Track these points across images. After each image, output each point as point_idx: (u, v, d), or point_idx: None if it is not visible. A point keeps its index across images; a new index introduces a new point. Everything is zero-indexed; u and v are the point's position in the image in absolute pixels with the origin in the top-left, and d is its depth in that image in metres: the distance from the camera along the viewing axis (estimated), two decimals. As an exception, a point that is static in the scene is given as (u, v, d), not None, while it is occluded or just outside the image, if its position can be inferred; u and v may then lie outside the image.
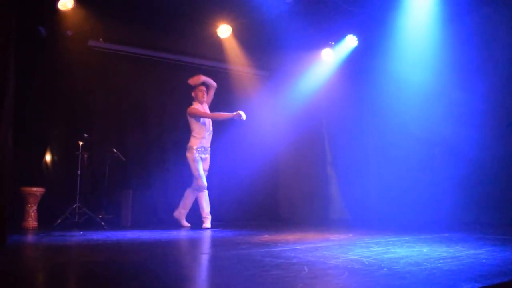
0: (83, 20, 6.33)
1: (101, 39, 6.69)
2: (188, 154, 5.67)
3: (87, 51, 6.57)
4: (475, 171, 6.18)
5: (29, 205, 5.51)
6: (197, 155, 5.65)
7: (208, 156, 5.83)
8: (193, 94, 5.83)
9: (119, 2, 6.33)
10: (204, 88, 5.86)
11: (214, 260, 2.62)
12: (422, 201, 6.80)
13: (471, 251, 2.71)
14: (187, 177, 7.25)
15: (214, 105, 7.77)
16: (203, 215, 5.62)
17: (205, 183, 5.63)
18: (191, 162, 5.64)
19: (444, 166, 6.62)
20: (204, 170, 5.75)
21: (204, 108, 5.86)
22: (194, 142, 5.69)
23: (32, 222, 5.50)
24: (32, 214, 5.52)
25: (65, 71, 6.39)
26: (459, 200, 6.33)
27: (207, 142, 5.79)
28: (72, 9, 6.15)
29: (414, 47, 6.89)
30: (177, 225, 6.03)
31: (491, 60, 6.21)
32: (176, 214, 5.89)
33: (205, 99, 5.85)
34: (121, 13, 6.50)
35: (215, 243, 3.67)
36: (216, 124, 6.11)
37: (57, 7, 6.07)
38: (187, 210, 5.86)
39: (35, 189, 5.56)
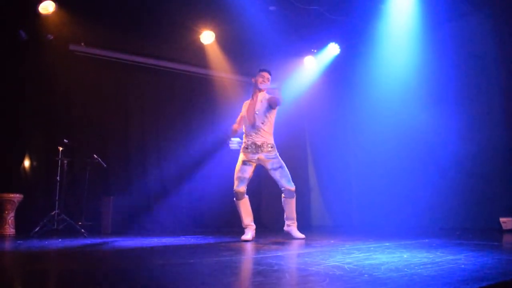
0: (64, 24, 6.26)
1: (82, 44, 6.62)
2: None
3: (68, 55, 6.50)
4: (455, 177, 6.28)
5: (6, 212, 5.39)
6: (242, 155, 4.81)
7: (260, 156, 4.74)
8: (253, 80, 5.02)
9: (102, 6, 6.27)
10: (267, 75, 4.93)
11: (195, 267, 2.60)
12: (403, 207, 6.87)
13: (450, 257, 2.74)
14: (169, 183, 7.20)
15: (196, 110, 7.75)
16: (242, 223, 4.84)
17: (239, 189, 4.75)
18: None
19: (425, 172, 6.72)
20: (272, 174, 4.79)
21: (257, 100, 4.90)
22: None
23: (9, 229, 5.39)
24: (10, 221, 5.41)
25: (45, 75, 6.31)
26: (439, 206, 6.42)
27: (255, 139, 4.78)
28: (53, 12, 6.09)
29: (395, 54, 7.00)
30: (157, 232, 5.98)
31: (470, 65, 6.35)
32: (286, 228, 4.96)
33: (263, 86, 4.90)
34: (103, 18, 6.44)
35: (197, 250, 3.64)
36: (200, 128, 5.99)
37: (38, 10, 6.00)
38: (294, 219, 4.91)
39: (12, 195, 5.45)
